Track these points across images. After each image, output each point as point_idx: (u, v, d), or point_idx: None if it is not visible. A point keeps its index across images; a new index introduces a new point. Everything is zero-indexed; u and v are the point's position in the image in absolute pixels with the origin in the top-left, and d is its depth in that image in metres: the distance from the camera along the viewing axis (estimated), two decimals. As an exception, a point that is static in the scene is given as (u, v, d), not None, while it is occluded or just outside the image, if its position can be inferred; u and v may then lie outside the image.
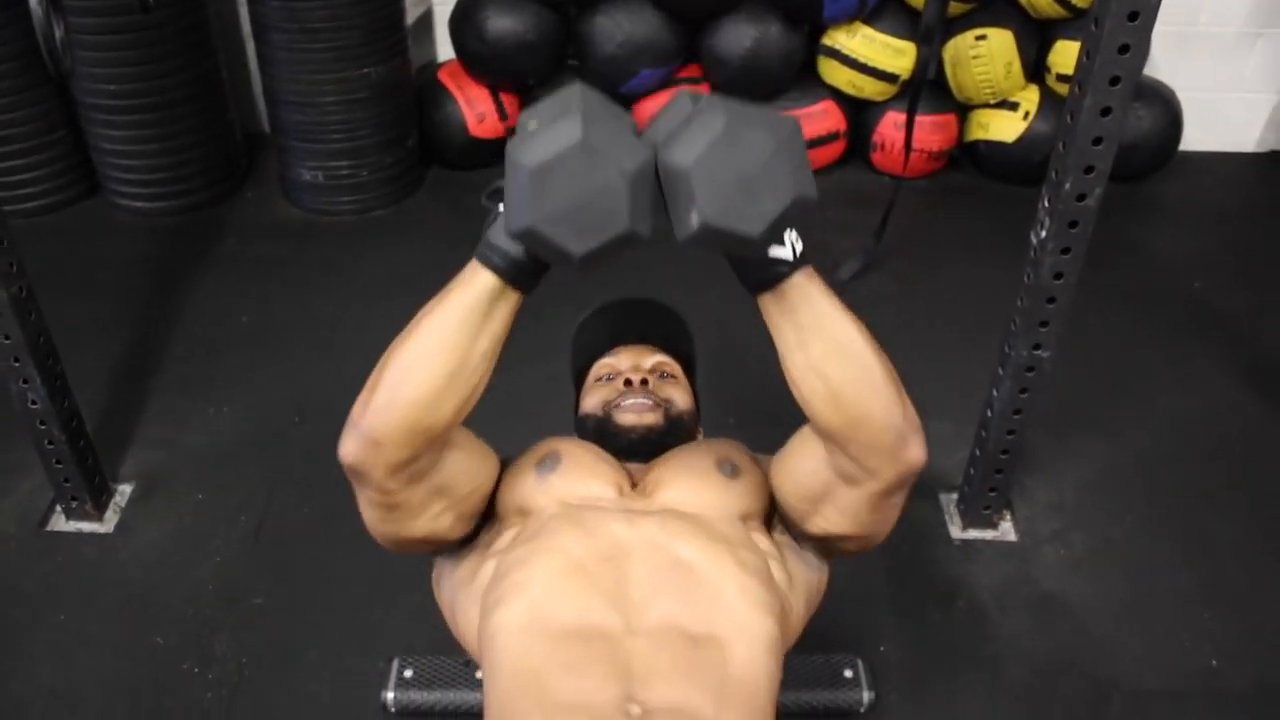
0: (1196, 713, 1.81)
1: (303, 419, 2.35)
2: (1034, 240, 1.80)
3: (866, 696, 1.78)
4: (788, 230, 0.98)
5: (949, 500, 2.17)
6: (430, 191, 3.22)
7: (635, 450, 1.28)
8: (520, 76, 3.13)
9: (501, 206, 0.97)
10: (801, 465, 1.13)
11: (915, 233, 3.04)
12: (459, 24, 3.07)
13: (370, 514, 1.10)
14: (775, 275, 0.99)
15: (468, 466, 1.12)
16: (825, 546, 1.19)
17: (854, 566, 1.92)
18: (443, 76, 3.16)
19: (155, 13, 2.67)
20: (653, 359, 1.42)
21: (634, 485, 1.22)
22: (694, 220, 0.89)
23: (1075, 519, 2.16)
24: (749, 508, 1.19)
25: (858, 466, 1.05)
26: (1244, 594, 2.02)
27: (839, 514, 1.12)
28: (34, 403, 1.92)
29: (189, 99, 2.91)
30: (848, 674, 1.80)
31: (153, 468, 2.22)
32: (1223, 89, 3.41)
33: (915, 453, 1.04)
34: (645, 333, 1.46)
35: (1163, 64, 3.30)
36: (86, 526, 2.09)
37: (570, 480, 1.17)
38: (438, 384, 1.00)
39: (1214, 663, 1.89)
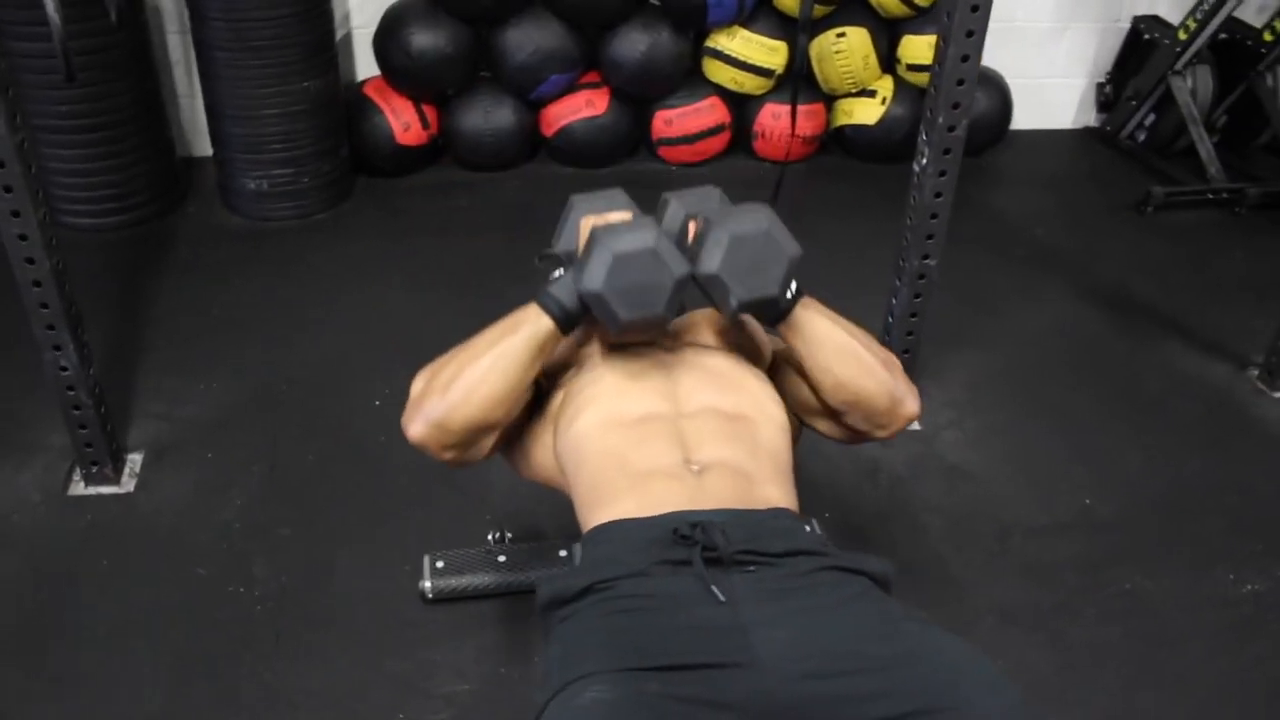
0: (1077, 538, 2.25)
1: (291, 386, 2.59)
2: (916, 169, 2.24)
3: (821, 545, 2.15)
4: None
5: (862, 405, 2.58)
6: (363, 197, 3.49)
7: None
8: (441, 87, 3.45)
9: (559, 272, 1.40)
10: (799, 395, 1.53)
11: (798, 206, 3.46)
12: (383, 41, 3.37)
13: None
14: (784, 310, 1.40)
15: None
16: None
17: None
18: (369, 91, 3.45)
19: (105, 36, 2.89)
20: None
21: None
22: (733, 303, 1.35)
23: (966, 411, 2.60)
24: (752, 352, 1.56)
25: (868, 426, 1.48)
26: (1103, 453, 2.48)
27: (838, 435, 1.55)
28: (64, 369, 2.12)
29: (135, 118, 3.11)
30: (806, 529, 2.18)
31: (158, 438, 2.42)
32: (1042, 75, 4.00)
33: (909, 409, 1.47)
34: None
35: (992, 54, 3.84)
36: (107, 489, 2.28)
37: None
38: (499, 397, 1.36)
39: (1087, 501, 2.34)
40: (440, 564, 2.03)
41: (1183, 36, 3.61)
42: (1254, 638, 2.04)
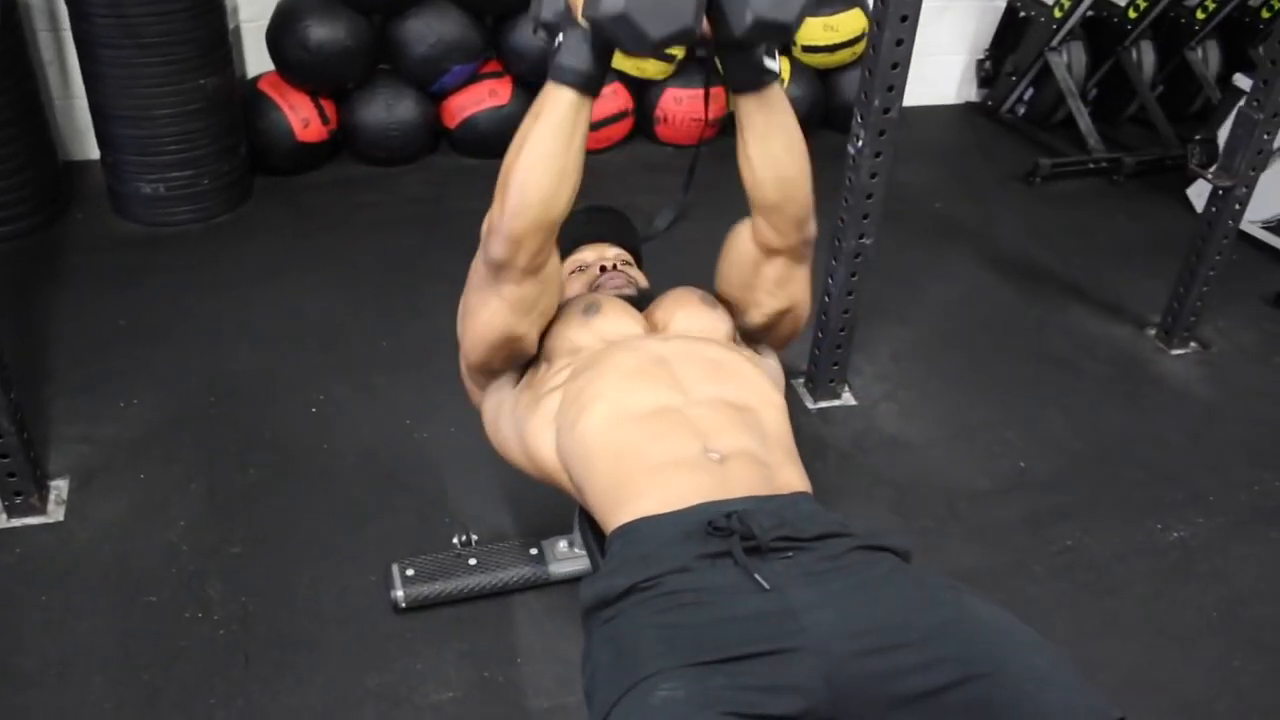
0: (1018, 499, 2.36)
1: (218, 397, 2.48)
2: (852, 150, 2.29)
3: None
4: (776, 50, 1.37)
5: (799, 383, 2.63)
6: (264, 197, 3.35)
7: None
8: (341, 81, 3.35)
9: (560, 38, 1.30)
10: (734, 250, 1.56)
11: (707, 188, 3.49)
12: (277, 35, 3.24)
13: (492, 312, 1.42)
14: (764, 80, 1.38)
15: (557, 275, 1.46)
16: (771, 335, 1.61)
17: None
18: (264, 87, 3.31)
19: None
20: (612, 251, 1.78)
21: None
22: (749, 16, 1.24)
23: (897, 382, 2.69)
24: (729, 329, 1.58)
25: (776, 234, 1.48)
26: (1028, 416, 2.61)
27: (767, 293, 1.55)
28: (-16, 396, 1.99)
29: (14, 121, 2.91)
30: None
31: (82, 461, 2.28)
32: (926, 53, 4.10)
33: (813, 226, 1.51)
34: (603, 233, 1.81)
35: (879, 34, 3.97)
36: (35, 520, 2.14)
37: (609, 321, 1.51)
38: (552, 183, 1.32)
39: (1022, 464, 2.45)
40: (410, 571, 1.99)
41: (1058, 14, 3.79)
42: (1185, 581, 2.18)
